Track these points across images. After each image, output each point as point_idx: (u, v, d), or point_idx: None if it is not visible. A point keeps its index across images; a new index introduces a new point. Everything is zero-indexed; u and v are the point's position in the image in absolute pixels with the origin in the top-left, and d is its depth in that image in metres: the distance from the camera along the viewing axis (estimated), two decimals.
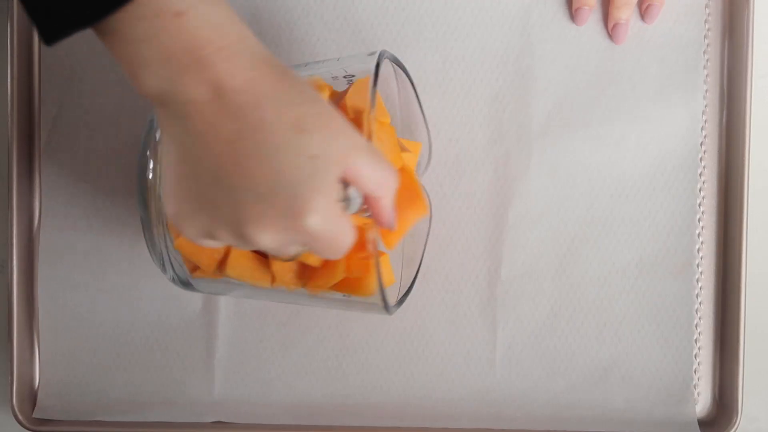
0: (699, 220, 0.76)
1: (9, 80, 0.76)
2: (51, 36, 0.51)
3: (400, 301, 0.69)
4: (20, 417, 0.77)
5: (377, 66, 0.63)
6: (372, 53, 0.64)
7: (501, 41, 0.76)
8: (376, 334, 0.78)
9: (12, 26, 0.76)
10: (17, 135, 0.76)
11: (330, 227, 0.54)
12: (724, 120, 0.77)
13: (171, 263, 0.67)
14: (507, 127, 0.76)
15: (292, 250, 0.57)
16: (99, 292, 0.78)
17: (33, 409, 0.78)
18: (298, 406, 0.77)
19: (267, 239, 0.54)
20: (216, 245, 0.57)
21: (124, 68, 0.53)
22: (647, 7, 0.75)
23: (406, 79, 0.69)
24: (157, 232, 0.66)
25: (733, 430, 0.75)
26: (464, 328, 0.77)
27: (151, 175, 0.65)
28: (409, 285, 0.71)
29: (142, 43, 0.51)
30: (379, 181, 0.56)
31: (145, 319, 0.78)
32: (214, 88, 0.52)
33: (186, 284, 0.68)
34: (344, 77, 0.66)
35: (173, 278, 0.68)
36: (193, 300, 0.78)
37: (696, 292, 0.76)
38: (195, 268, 0.67)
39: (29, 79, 0.78)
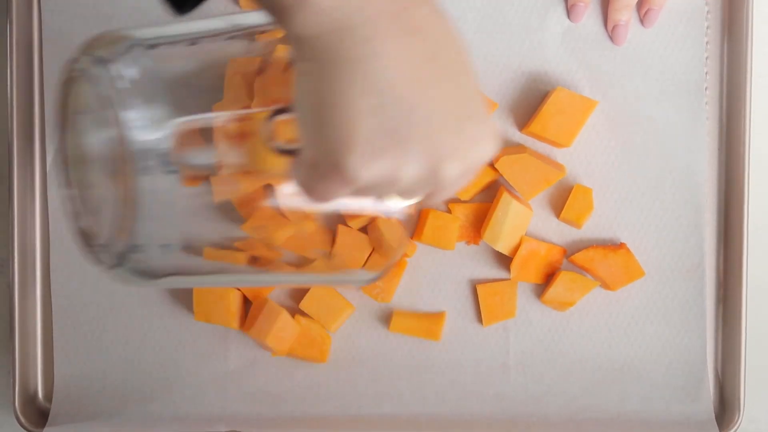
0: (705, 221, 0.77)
1: (9, 80, 0.75)
2: None
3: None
4: (22, 419, 0.76)
5: None
6: None
7: (504, 45, 0.76)
8: (386, 343, 0.77)
9: (11, 26, 0.75)
10: (17, 135, 0.76)
11: None
12: (724, 119, 0.77)
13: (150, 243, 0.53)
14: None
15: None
16: (109, 311, 0.77)
17: (34, 409, 0.78)
18: (311, 418, 0.77)
19: (456, 173, 0.49)
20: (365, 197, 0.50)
21: None
22: (646, 12, 0.74)
23: None
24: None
25: (734, 430, 0.76)
26: (476, 335, 0.77)
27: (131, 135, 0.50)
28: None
29: None
30: None
31: (155, 337, 0.77)
32: None
33: (147, 275, 0.56)
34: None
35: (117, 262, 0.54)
36: None
37: (705, 290, 0.77)
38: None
39: (29, 79, 0.77)
